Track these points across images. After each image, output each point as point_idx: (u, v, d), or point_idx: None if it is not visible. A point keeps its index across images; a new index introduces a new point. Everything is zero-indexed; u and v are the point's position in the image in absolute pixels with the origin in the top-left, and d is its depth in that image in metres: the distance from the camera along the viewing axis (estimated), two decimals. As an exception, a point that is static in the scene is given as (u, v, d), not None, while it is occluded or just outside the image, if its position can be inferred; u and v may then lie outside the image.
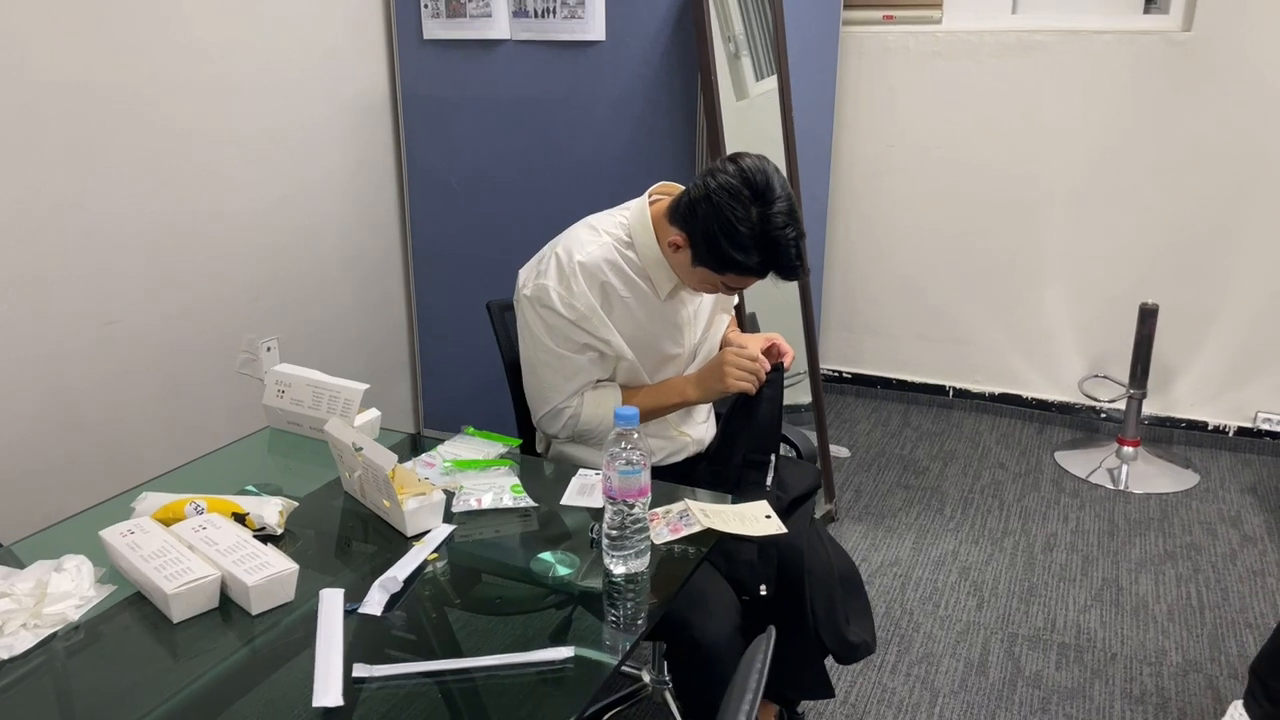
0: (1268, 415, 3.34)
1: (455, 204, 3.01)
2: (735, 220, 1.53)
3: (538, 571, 1.35)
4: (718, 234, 1.55)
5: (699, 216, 1.57)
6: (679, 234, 1.62)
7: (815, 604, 1.66)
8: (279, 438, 1.77)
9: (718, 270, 1.61)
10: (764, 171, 1.56)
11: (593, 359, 1.72)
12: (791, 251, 1.56)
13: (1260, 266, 3.24)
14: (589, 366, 1.73)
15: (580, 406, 1.74)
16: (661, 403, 1.78)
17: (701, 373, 1.77)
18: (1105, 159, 3.33)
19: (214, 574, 1.23)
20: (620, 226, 1.73)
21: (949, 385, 3.78)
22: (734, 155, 1.60)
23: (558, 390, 1.73)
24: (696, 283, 1.69)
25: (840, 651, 1.70)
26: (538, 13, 2.72)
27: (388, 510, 1.42)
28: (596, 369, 1.74)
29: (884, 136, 3.59)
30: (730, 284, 1.66)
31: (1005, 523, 2.96)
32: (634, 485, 1.30)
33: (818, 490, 1.86)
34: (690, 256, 1.63)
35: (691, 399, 1.78)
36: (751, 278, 1.63)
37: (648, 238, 1.69)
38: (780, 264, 1.58)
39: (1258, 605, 2.53)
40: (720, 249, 1.56)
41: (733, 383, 1.71)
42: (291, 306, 2.77)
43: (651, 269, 1.70)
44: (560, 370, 1.72)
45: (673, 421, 1.84)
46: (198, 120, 2.38)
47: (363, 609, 1.24)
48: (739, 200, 1.53)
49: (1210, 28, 3.10)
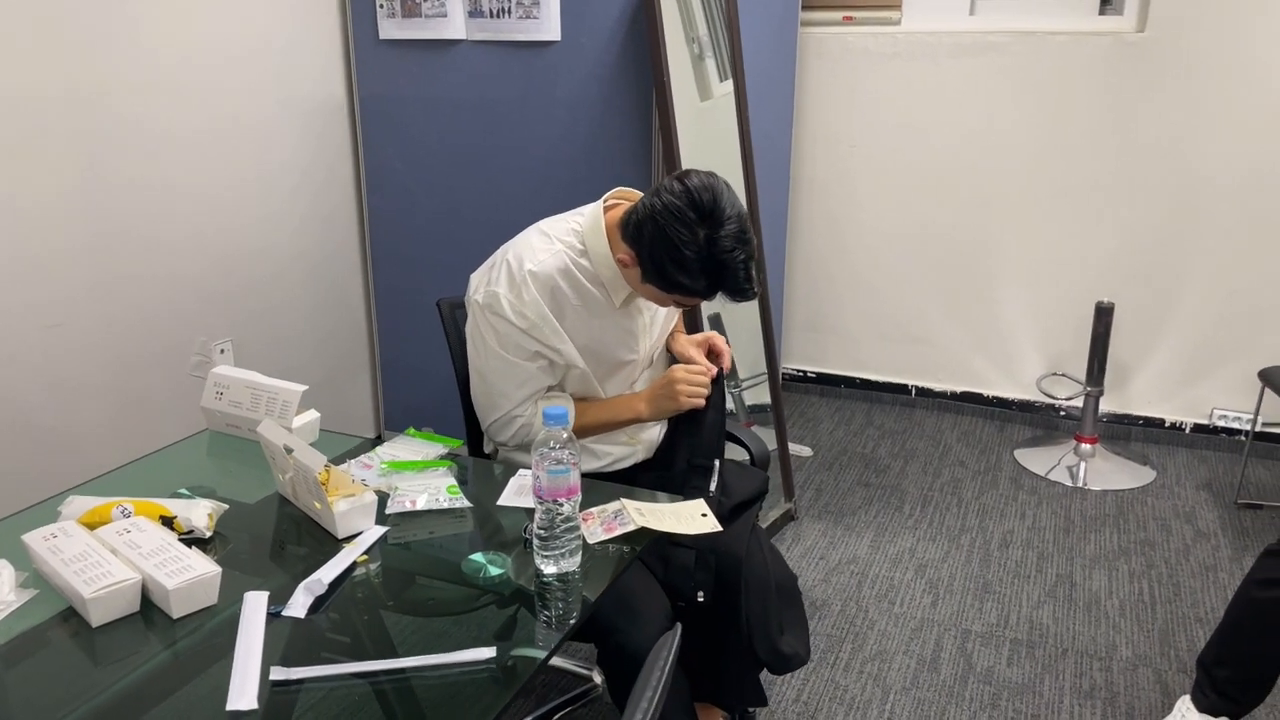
0: (1223, 412, 3.38)
1: (414, 204, 3.00)
2: (681, 243, 1.48)
3: (469, 573, 1.35)
4: (663, 257, 1.51)
5: (645, 237, 1.53)
6: (627, 251, 1.59)
7: (749, 612, 1.65)
8: (218, 440, 1.76)
9: (665, 290, 1.59)
10: (712, 190, 1.50)
11: (542, 367, 1.71)
12: (740, 274, 1.52)
13: (1214, 265, 3.27)
14: (539, 374, 1.71)
15: (533, 416, 1.72)
16: (614, 419, 1.77)
17: (653, 391, 1.77)
18: (1062, 159, 3.36)
19: (134, 578, 1.22)
20: (573, 234, 1.70)
21: (911, 384, 3.80)
22: (681, 174, 1.55)
23: (507, 398, 1.72)
24: (647, 296, 1.68)
25: (772, 661, 1.70)
26: (493, 13, 2.71)
27: (319, 512, 1.42)
28: (546, 377, 1.73)
29: (845, 136, 3.61)
30: (679, 302, 1.65)
31: (963, 520, 2.98)
32: (563, 485, 1.30)
33: (763, 497, 1.86)
34: (639, 274, 1.60)
35: (644, 416, 1.77)
36: (699, 299, 1.61)
37: (601, 246, 1.65)
38: (728, 287, 1.54)
39: (1209, 600, 2.56)
40: (666, 271, 1.53)
41: (685, 400, 1.72)
42: (247, 308, 2.75)
43: (606, 277, 1.68)
44: (510, 377, 1.70)
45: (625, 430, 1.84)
46: (146, 120, 2.36)
47: (286, 611, 1.23)
48: (684, 223, 1.48)
49: (1163, 29, 3.14)
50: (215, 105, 2.55)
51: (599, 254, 1.66)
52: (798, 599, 1.80)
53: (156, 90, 2.38)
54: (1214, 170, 3.19)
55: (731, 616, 1.67)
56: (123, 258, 2.35)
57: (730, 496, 1.79)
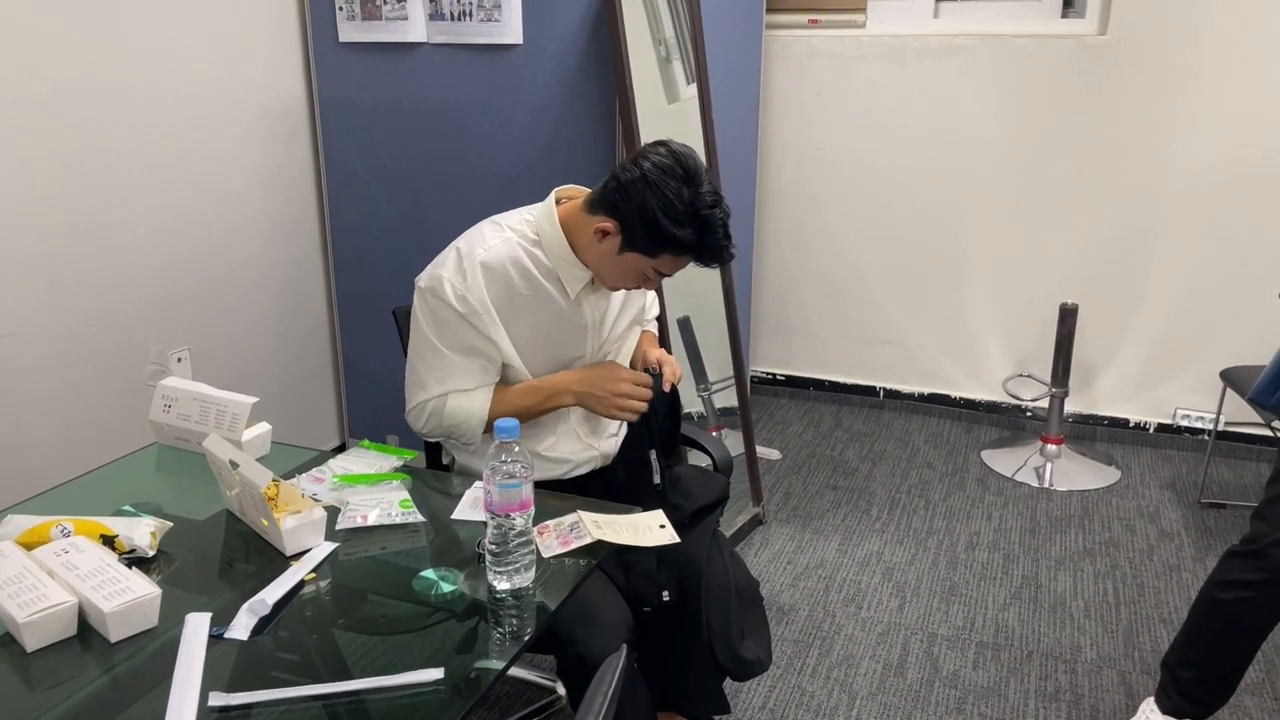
0: (1186, 411, 3.40)
1: (376, 208, 2.96)
2: (672, 196, 1.54)
3: (420, 590, 1.32)
4: (655, 210, 1.54)
5: (633, 197, 1.56)
6: (607, 220, 1.59)
7: (710, 618, 1.64)
8: (167, 454, 1.72)
9: (651, 252, 1.59)
10: (692, 155, 1.58)
11: (473, 367, 1.67)
12: (720, 231, 1.57)
13: (1176, 266, 3.29)
14: (466, 372, 1.67)
15: (441, 403, 1.67)
16: (537, 400, 1.70)
17: (589, 376, 1.71)
18: (1025, 161, 3.37)
19: (70, 600, 1.18)
20: (527, 224, 1.70)
21: (879, 386, 3.80)
22: (661, 141, 1.60)
23: (425, 389, 1.68)
24: (619, 275, 1.66)
25: (733, 667, 1.68)
26: (454, 15, 2.68)
27: (267, 529, 1.38)
28: (474, 377, 1.68)
29: (811, 139, 3.60)
30: (662, 268, 1.63)
31: (930, 522, 2.98)
32: (514, 499, 1.27)
33: (724, 503, 1.84)
34: (619, 243, 1.60)
35: (568, 399, 1.71)
36: (685, 258, 1.61)
37: (556, 236, 1.66)
38: (711, 241, 1.58)
39: (1172, 600, 2.57)
40: (658, 226, 1.55)
41: (616, 407, 1.69)
42: (205, 316, 2.70)
43: (562, 268, 1.67)
44: (434, 368, 1.67)
45: (582, 434, 1.82)
46: (98, 123, 2.31)
47: (229, 634, 1.20)
48: (674, 178, 1.55)
49: (1124, 32, 3.15)
50: (170, 107, 2.50)
51: (554, 244, 1.66)
52: (759, 604, 1.79)
53: (110, 92, 2.33)
54: (1175, 171, 3.22)
55: (693, 623, 1.65)
56: (74, 265, 2.30)
57: (691, 501, 1.77)
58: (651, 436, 1.77)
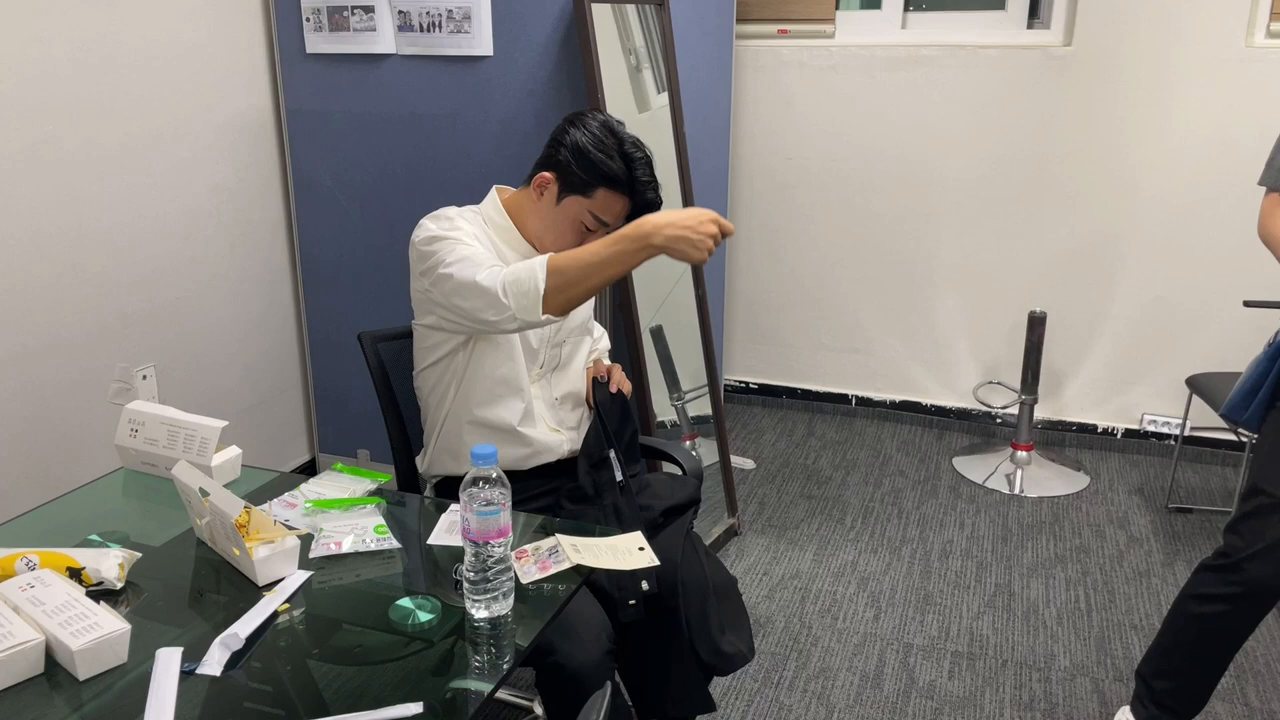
0: (1153, 417, 3.45)
1: (345, 220, 2.92)
2: (598, 133, 1.72)
3: (397, 619, 1.30)
4: (586, 145, 1.70)
5: (564, 142, 1.72)
6: (545, 174, 1.74)
7: (689, 614, 1.64)
8: (134, 479, 1.68)
9: (586, 190, 1.70)
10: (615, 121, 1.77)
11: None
12: (645, 168, 1.72)
13: (1141, 273, 3.34)
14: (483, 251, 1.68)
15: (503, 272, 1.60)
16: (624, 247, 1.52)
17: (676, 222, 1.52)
18: (992, 170, 3.40)
19: (37, 638, 1.15)
20: (471, 211, 1.80)
21: (851, 394, 3.82)
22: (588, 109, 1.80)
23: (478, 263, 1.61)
24: (560, 229, 1.74)
25: (715, 662, 1.68)
26: (423, 27, 2.65)
27: (238, 558, 1.35)
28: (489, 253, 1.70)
29: (782, 148, 3.61)
30: (597, 211, 1.71)
31: (904, 531, 2.99)
32: (493, 526, 1.26)
33: (696, 505, 1.85)
34: (557, 191, 1.73)
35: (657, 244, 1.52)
36: (618, 195, 1.71)
37: (503, 221, 1.79)
38: (639, 175, 1.71)
39: (1143, 606, 2.60)
40: (588, 158, 1.70)
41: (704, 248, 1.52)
42: (170, 331, 2.65)
43: (509, 250, 1.77)
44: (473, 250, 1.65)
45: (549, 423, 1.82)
46: (60, 135, 2.26)
47: (201, 669, 1.17)
48: (599, 124, 1.74)
49: (1088, 43, 3.19)
50: (133, 119, 2.46)
51: (500, 226, 1.78)
52: (737, 597, 1.79)
53: (70, 102, 2.28)
54: (1139, 179, 3.26)
55: (671, 621, 1.66)
56: (34, 280, 2.25)
57: (661, 501, 1.81)
58: (608, 436, 1.83)
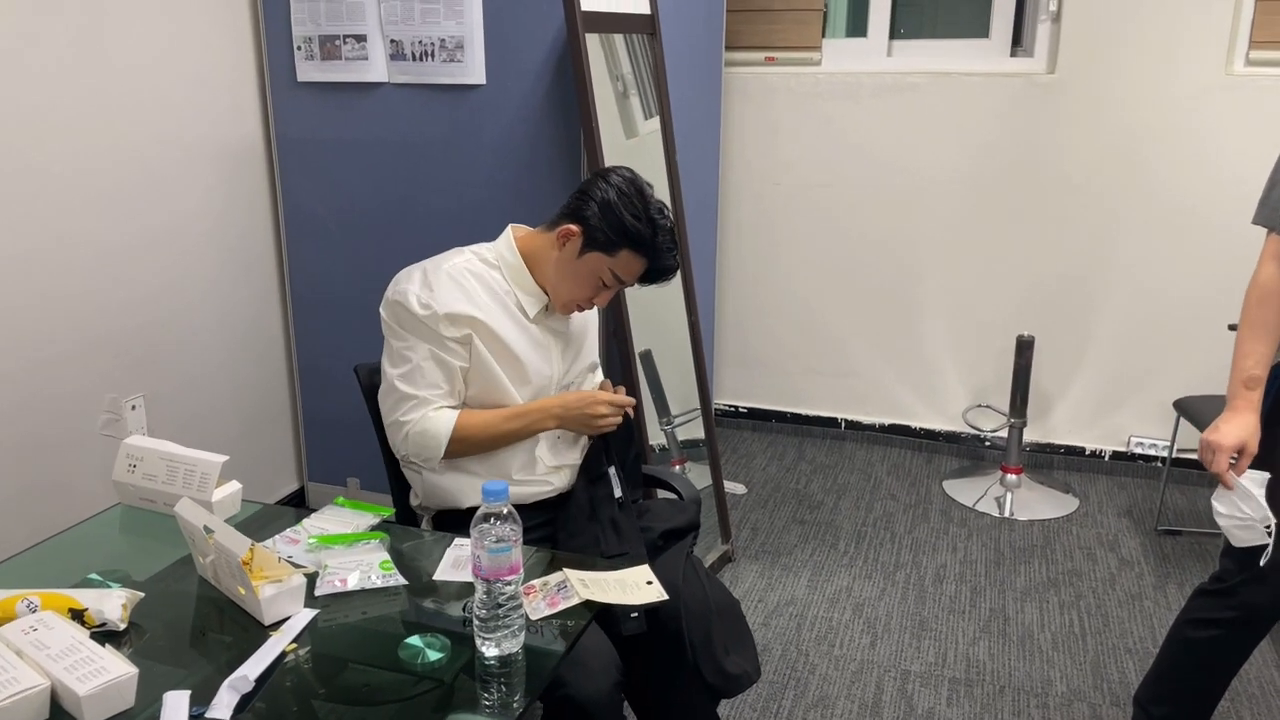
0: (1139, 439, 3.48)
1: (336, 248, 2.91)
2: (630, 195, 1.71)
3: (406, 658, 1.29)
4: (617, 205, 1.70)
5: (594, 197, 1.71)
6: (570, 225, 1.72)
7: (692, 636, 1.64)
8: (132, 515, 1.66)
9: (610, 249, 1.70)
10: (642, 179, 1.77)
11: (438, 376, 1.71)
12: (668, 235, 1.72)
13: (1126, 296, 3.38)
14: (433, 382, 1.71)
15: (419, 421, 1.71)
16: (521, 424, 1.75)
17: (568, 400, 1.78)
18: (979, 195, 3.44)
19: (43, 684, 1.13)
20: (486, 251, 1.81)
21: (841, 417, 3.83)
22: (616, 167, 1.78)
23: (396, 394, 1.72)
24: (576, 282, 1.73)
25: (720, 684, 1.67)
26: (415, 56, 2.66)
27: (243, 597, 1.34)
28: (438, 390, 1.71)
29: (770, 174, 3.64)
30: (619, 270, 1.72)
31: (897, 555, 3.00)
32: (504, 563, 1.25)
33: (695, 528, 1.85)
34: (580, 245, 1.71)
35: (550, 426, 1.77)
36: (639, 259, 1.71)
37: (515, 261, 1.78)
38: (662, 242, 1.72)
39: (1136, 630, 2.61)
40: (619, 218, 1.69)
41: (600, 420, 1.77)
42: (159, 360, 2.62)
43: (519, 291, 1.77)
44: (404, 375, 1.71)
45: (546, 460, 1.81)
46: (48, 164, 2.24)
47: (210, 713, 1.16)
48: (630, 185, 1.73)
49: (1072, 70, 3.24)
50: (123, 147, 2.44)
51: (512, 266, 1.78)
52: (740, 618, 1.79)
53: (58, 131, 2.26)
54: (1120, 204, 3.30)
55: (675, 644, 1.65)
56: (21, 311, 2.22)
57: (661, 524, 1.81)
58: (609, 453, 1.83)
